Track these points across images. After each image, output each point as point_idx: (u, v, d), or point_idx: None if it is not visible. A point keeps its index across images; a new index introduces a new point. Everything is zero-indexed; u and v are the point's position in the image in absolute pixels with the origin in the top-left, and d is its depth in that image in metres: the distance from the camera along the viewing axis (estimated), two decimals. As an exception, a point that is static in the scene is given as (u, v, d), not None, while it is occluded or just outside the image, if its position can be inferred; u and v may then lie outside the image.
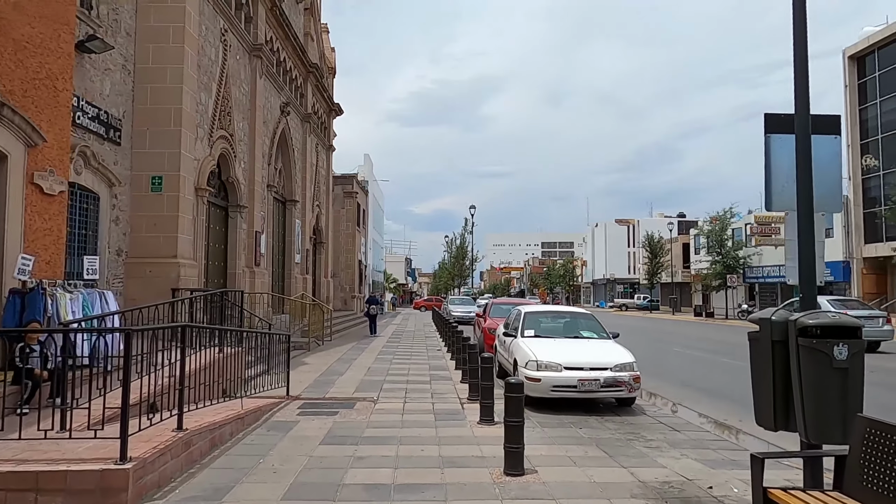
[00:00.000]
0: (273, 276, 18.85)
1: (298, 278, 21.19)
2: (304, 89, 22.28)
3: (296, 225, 21.07)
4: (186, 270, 11.40)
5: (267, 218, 17.73)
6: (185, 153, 11.47)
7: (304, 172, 22.14)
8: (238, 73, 15.09)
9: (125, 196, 11.08)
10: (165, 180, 11.26)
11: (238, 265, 15.05)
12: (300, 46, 20.40)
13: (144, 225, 11.21)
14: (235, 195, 14.95)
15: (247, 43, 15.53)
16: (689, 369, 12.99)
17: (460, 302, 33.55)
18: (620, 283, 70.95)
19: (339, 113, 27.98)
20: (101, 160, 10.23)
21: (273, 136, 18.32)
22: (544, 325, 9.72)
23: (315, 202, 24.27)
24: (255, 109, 16.02)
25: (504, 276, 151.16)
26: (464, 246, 55.14)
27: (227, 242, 14.92)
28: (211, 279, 13.95)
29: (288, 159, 20.44)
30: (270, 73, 17.77)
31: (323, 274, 26.06)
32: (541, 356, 8.10)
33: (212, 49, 13.28)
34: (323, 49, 26.07)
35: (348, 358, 13.95)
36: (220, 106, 13.73)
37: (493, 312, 15.33)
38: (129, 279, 11.05)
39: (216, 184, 14.38)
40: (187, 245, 11.63)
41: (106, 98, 10.41)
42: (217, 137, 13.48)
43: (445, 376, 11.26)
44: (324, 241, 26.00)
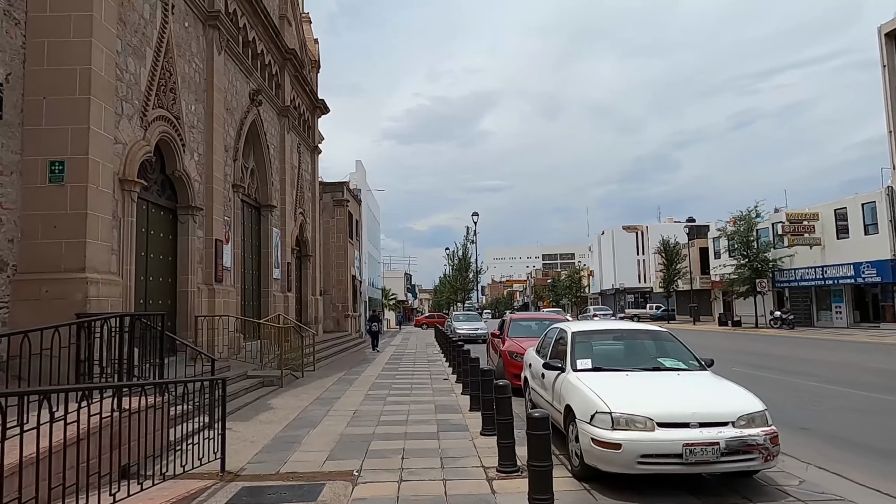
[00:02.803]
0: (245, 295, 15.79)
1: (278, 296, 18.12)
2: (281, 79, 19.39)
3: (273, 234, 18.06)
4: (101, 289, 8.34)
5: (234, 225, 14.72)
6: (97, 130, 8.48)
7: (283, 174, 19.18)
8: (187, 44, 12.17)
9: (12, 189, 8.06)
10: (69, 167, 8.25)
11: (192, 281, 11.99)
12: (273, 27, 17.55)
13: (40, 228, 8.17)
14: (186, 194, 11.95)
15: (200, 10, 12.64)
16: (795, 402, 9.72)
17: (466, 318, 30.38)
18: (631, 293, 67.76)
19: (324, 111, 25.11)
20: (-35, 136, 7.23)
21: (240, 128, 15.37)
22: (603, 350, 6.65)
23: (298, 209, 21.28)
24: (213, 91, 13.08)
25: (506, 289, 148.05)
26: (466, 257, 51.97)
27: (176, 253, 11.88)
28: (151, 299, 10.88)
29: (262, 157, 17.47)
30: (234, 52, 14.87)
31: (311, 291, 22.99)
32: (616, 405, 5.02)
33: (144, 4, 10.36)
34: (304, 38, 23.27)
35: (330, 397, 10.84)
36: (160, 80, 10.78)
37: (513, 331, 12.24)
38: (18, 303, 7.99)
39: (158, 178, 11.38)
40: (102, 255, 8.59)
41: (-26, 51, 7.44)
42: (154, 118, 10.50)
43: (458, 424, 8.16)
44: (310, 253, 22.97)
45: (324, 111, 25.14)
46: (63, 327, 6.46)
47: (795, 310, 35.27)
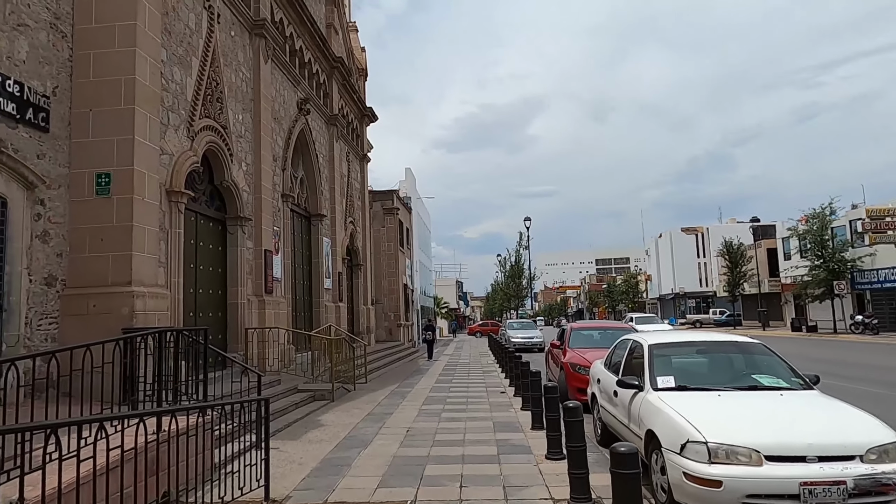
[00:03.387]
0: (296, 306, 15.59)
1: (330, 307, 17.88)
2: (329, 87, 19.27)
3: (324, 244, 17.86)
4: (147, 302, 8.13)
5: (284, 235, 14.54)
6: (141, 140, 8.31)
7: (333, 183, 19.00)
8: (234, 54, 12.04)
9: (60, 203, 7.96)
10: (115, 179, 8.10)
11: (241, 293, 11.79)
12: (320, 36, 17.42)
13: (88, 242, 8.04)
14: (235, 204, 11.78)
15: (245, 19, 12.52)
16: None
17: (520, 326, 29.50)
18: (692, 297, 64.94)
19: (372, 119, 24.94)
20: (12, 150, 7.14)
21: (289, 137, 15.23)
22: (686, 365, 5.84)
23: (348, 218, 21.09)
24: (260, 100, 12.93)
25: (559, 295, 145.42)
26: (519, 263, 50.95)
27: (225, 264, 11.71)
28: (201, 312, 10.70)
29: (311, 166, 17.32)
30: (282, 62, 14.75)
31: (362, 301, 22.75)
32: (712, 433, 4.25)
33: (189, 14, 10.24)
34: (351, 47, 23.18)
35: (383, 412, 10.34)
36: (207, 89, 10.64)
37: (575, 341, 11.43)
38: (67, 318, 7.85)
39: (206, 189, 11.24)
40: (149, 267, 8.39)
41: (21, 65, 7.36)
42: (201, 128, 10.34)
43: (520, 445, 7.48)
44: (361, 262, 22.74)
45: (372, 119, 24.98)
46: (108, 343, 6.17)
47: (879, 313, 32.61)
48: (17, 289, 7.16)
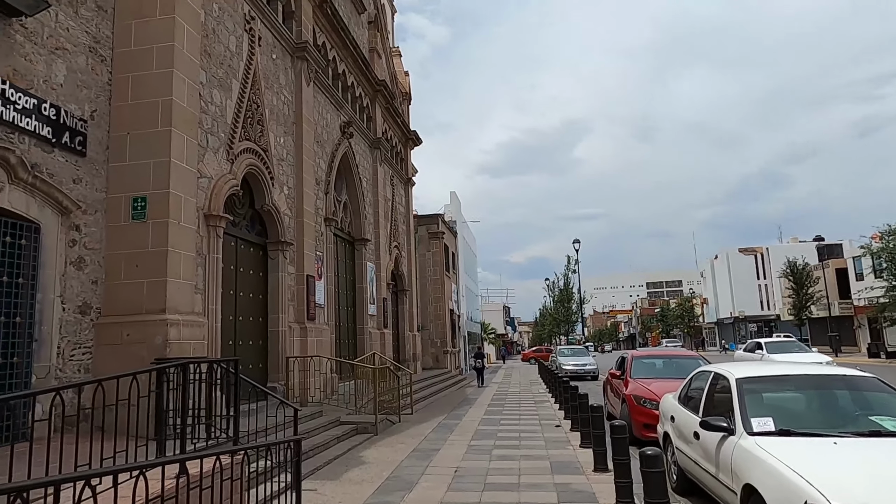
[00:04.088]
0: (339, 333, 15.14)
1: (374, 333, 17.38)
2: (372, 111, 19.09)
3: (368, 269, 17.45)
4: (182, 331, 7.75)
5: (327, 260, 14.17)
6: (178, 162, 8.04)
7: (377, 207, 18.68)
8: (275, 76, 11.88)
9: (96, 228, 7.73)
10: (151, 202, 7.83)
11: (283, 320, 11.39)
12: (363, 59, 17.29)
13: (123, 268, 7.76)
14: (276, 229, 11.46)
15: (287, 42, 12.39)
16: None
17: (572, 353, 28.25)
18: (753, 322, 61.65)
19: (416, 142, 24.71)
20: (47, 175, 6.94)
21: (331, 160, 14.98)
22: (785, 404, 4.94)
23: (393, 242, 20.70)
24: (302, 122, 12.71)
25: (609, 320, 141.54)
26: (568, 287, 49.49)
27: (266, 290, 11.35)
28: (241, 340, 10.32)
29: (354, 190, 17.04)
30: (324, 85, 14.59)
31: (408, 327, 22.19)
32: (839, 495, 3.36)
33: (230, 37, 10.09)
34: (394, 71, 23.10)
35: (429, 448, 9.62)
36: (247, 112, 10.43)
37: (637, 370, 10.46)
38: (101, 348, 7.54)
39: (246, 213, 10.97)
40: (185, 294, 8.04)
41: (58, 88, 7.22)
42: (240, 150, 10.10)
43: (584, 491, 6.63)
44: (406, 288, 22.25)
45: (416, 142, 24.74)
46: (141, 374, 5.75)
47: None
48: (50, 317, 6.89)
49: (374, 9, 20.33)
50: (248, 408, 7.76)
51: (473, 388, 22.91)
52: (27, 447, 4.44)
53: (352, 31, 16.67)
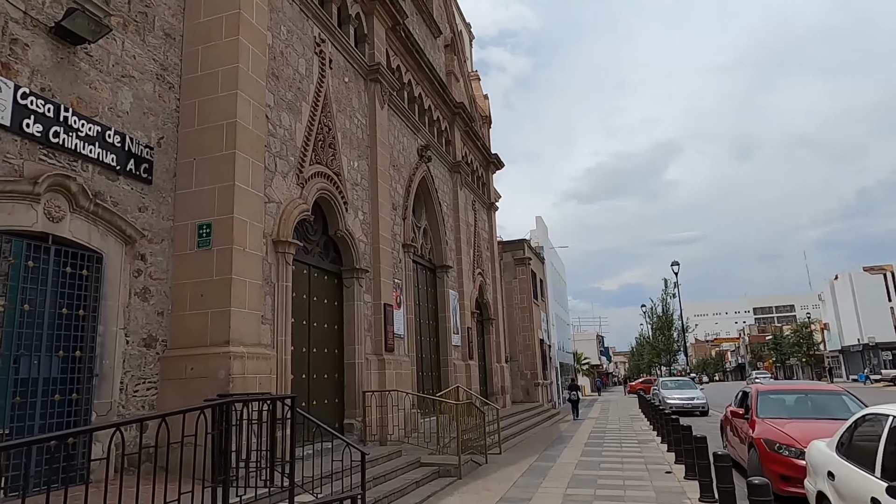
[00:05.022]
0: (421, 364, 14.37)
1: (459, 365, 16.48)
2: (451, 134, 18.58)
3: (450, 297, 16.68)
4: (247, 364, 7.24)
5: (406, 288, 13.54)
6: (243, 186, 7.68)
7: (458, 233, 17.97)
8: (348, 99, 11.56)
9: (163, 258, 7.46)
10: (215, 229, 7.48)
11: (359, 352, 10.77)
12: (440, 82, 16.87)
13: (188, 298, 7.41)
14: (351, 255, 10.96)
15: (360, 65, 12.09)
16: None
17: (676, 385, 25.78)
18: (885, 349, 54.79)
19: (498, 166, 23.95)
20: (111, 203, 6.74)
21: (409, 185, 14.48)
22: None
23: (476, 269, 19.86)
24: (377, 146, 12.29)
25: (714, 349, 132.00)
26: (667, 314, 46.18)
27: (341, 320, 10.81)
28: (315, 373, 9.76)
29: (434, 215, 16.45)
30: (399, 108, 14.21)
31: (495, 358, 21.09)
32: None
33: (299, 59, 9.84)
34: (473, 94, 22.62)
35: (519, 497, 8.49)
36: (318, 135, 10.09)
37: (765, 408, 8.78)
38: (165, 382, 7.17)
39: (319, 240, 10.54)
40: (250, 325, 7.56)
41: (123, 116, 7.08)
42: (311, 174, 9.71)
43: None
44: (492, 317, 21.24)
45: (498, 166, 24.00)
46: (190, 412, 5.20)
47: None
48: (112, 351, 6.58)
49: (450, 32, 20.04)
50: (319, 447, 7.08)
51: (568, 424, 21.30)
52: (83, 490, 3.99)
53: (427, 55, 16.33)
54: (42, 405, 5.77)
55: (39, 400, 5.74)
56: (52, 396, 5.87)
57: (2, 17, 5.80)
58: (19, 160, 5.83)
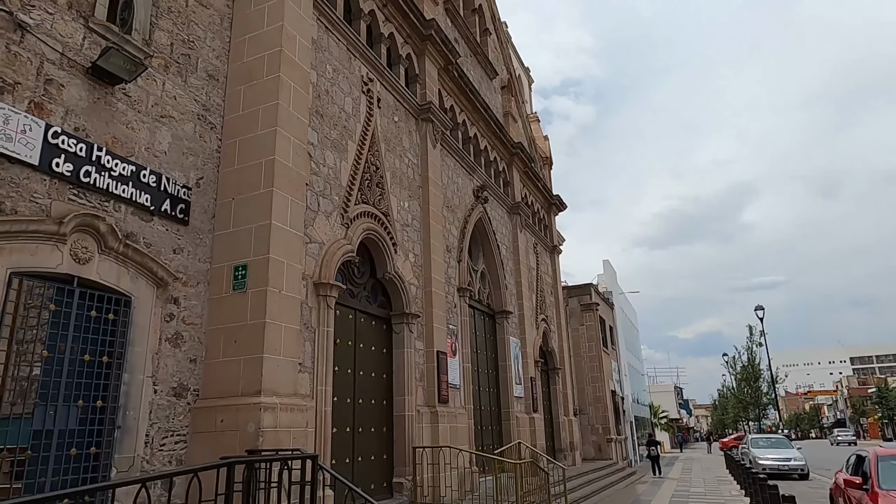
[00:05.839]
0: (480, 418, 13.39)
1: (522, 418, 15.34)
2: (509, 175, 18.02)
3: (511, 345, 15.72)
4: (280, 417, 6.65)
5: (462, 334, 12.77)
6: (280, 225, 7.30)
7: (519, 277, 17.13)
8: (398, 139, 11.24)
9: (197, 302, 7.11)
10: (251, 270, 7.08)
11: (410, 403, 10.01)
12: (496, 122, 16.47)
13: (222, 344, 6.98)
14: (400, 299, 10.37)
15: (410, 104, 11.83)
16: None
17: (769, 444, 23.12)
18: None
19: (560, 208, 23.09)
20: (143, 244, 6.47)
21: (464, 226, 13.90)
22: None
23: (539, 315, 18.81)
24: (428, 186, 11.84)
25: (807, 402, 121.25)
26: (753, 363, 42.44)
27: (390, 369, 10.13)
28: (360, 426, 9.06)
29: (492, 258, 15.73)
30: (453, 148, 13.82)
31: (562, 411, 19.69)
32: None
33: (345, 98, 9.62)
34: (532, 135, 22.13)
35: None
36: (364, 174, 9.74)
37: (888, 477, 7.25)
38: (195, 436, 6.68)
39: (367, 283, 10.02)
40: (285, 373, 7.01)
41: (162, 156, 6.91)
42: (357, 214, 9.30)
43: None
44: (558, 366, 19.97)
45: (560, 208, 23.14)
46: (204, 471, 4.63)
47: None
48: (138, 401, 6.16)
49: (506, 74, 19.78)
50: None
51: (646, 485, 19.39)
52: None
53: (482, 95, 16.01)
54: (56, 460, 5.34)
55: (53, 454, 5.33)
56: (67, 450, 5.45)
57: (37, 57, 5.76)
58: (46, 200, 5.65)
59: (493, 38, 19.00)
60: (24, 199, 5.46)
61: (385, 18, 11.33)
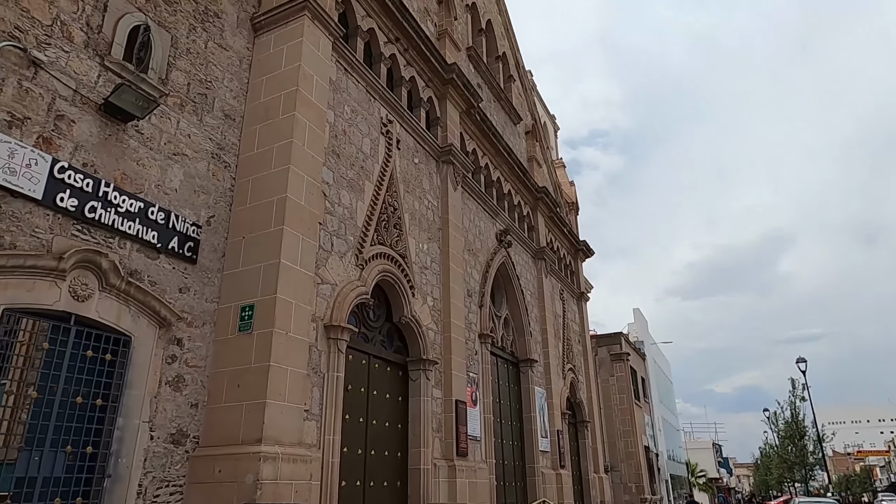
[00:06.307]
0: (502, 474, 12.64)
1: (548, 474, 14.47)
2: (534, 220, 17.69)
3: (536, 395, 15.01)
4: (282, 468, 6.22)
5: (483, 383, 12.21)
6: (289, 265, 7.06)
7: (544, 324, 16.54)
8: (417, 181, 11.09)
9: (202, 343, 6.85)
10: (258, 311, 6.82)
11: (426, 456, 9.45)
12: (520, 166, 16.30)
13: (225, 389, 6.66)
14: (417, 345, 9.95)
15: (431, 146, 11.73)
16: None
17: (818, 508, 21.48)
18: None
19: (587, 254, 22.57)
20: (147, 282, 6.29)
21: (486, 270, 13.53)
22: None
23: (567, 365, 18.07)
24: (449, 228, 11.58)
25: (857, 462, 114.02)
26: (797, 420, 40.07)
27: (406, 419, 9.63)
28: (372, 479, 8.52)
29: (516, 304, 15.24)
30: (476, 191, 13.62)
31: (591, 467, 18.61)
32: None
33: (363, 139, 9.53)
34: (557, 181, 21.89)
35: None
36: (382, 214, 9.53)
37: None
38: (192, 486, 6.27)
39: (382, 327, 9.66)
40: (290, 420, 6.62)
41: (172, 193, 6.81)
42: (372, 255, 9.04)
43: None
44: (586, 419, 19.01)
45: (587, 254, 22.62)
46: None
47: None
48: (131, 448, 5.82)
49: (531, 120, 19.75)
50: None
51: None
52: None
53: (506, 139, 15.91)
54: (38, 511, 5.00)
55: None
56: (51, 500, 5.11)
57: (49, 93, 5.75)
58: (48, 235, 5.52)
59: (517, 84, 19.07)
60: (24, 233, 5.34)
61: (406, 63, 11.38)
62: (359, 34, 9.96)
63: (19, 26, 5.58)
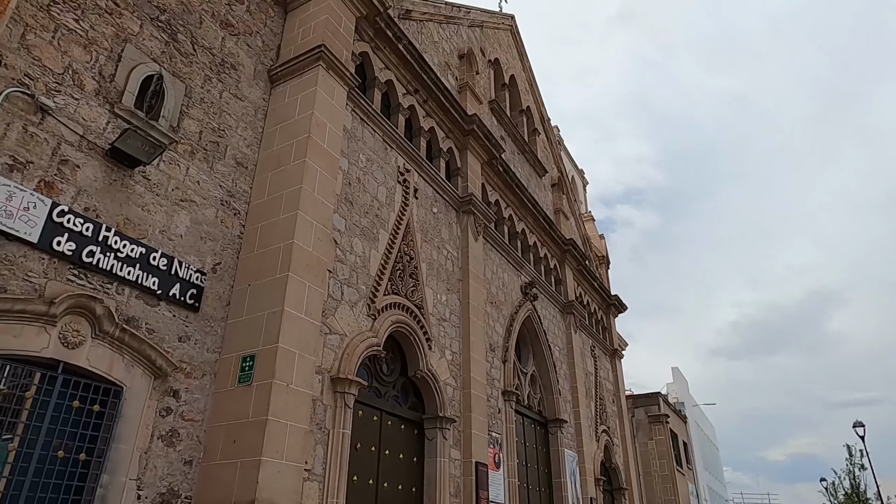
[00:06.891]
0: (530, 545, 11.65)
1: (581, 548, 13.32)
2: (562, 273, 17.17)
3: (567, 458, 14.07)
4: (275, 534, 5.70)
5: (508, 444, 11.47)
6: (294, 312, 6.76)
7: (574, 381, 15.73)
8: (435, 230, 10.84)
9: (201, 395, 6.52)
10: (259, 361, 6.49)
11: (442, 524, 8.72)
12: (546, 219, 15.97)
13: (221, 445, 6.26)
14: (434, 401, 9.42)
15: (451, 196, 11.55)
16: None
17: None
18: None
19: (620, 309, 21.75)
20: (144, 330, 6.06)
21: (510, 324, 13.00)
22: None
23: (600, 426, 17.05)
24: (469, 278, 11.21)
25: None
26: (857, 490, 36.84)
27: (421, 482, 8.98)
28: (381, 552, 7.84)
29: (543, 361, 14.55)
30: (499, 243, 13.29)
31: (631, 540, 17.20)
32: None
33: (378, 187, 9.38)
34: (586, 234, 21.42)
35: None
36: (397, 264, 9.25)
37: None
38: (179, 554, 5.78)
39: (396, 381, 9.19)
40: (288, 481, 6.14)
41: (177, 239, 6.68)
42: (385, 305, 8.69)
43: None
44: (623, 485, 17.73)
45: (620, 309, 21.80)
46: None
47: None
48: None
49: (556, 172, 19.57)
50: None
51: None
52: None
53: (531, 191, 15.69)
54: (3, 578, 4.61)
55: (0, 570, 4.60)
56: (19, 567, 4.71)
57: (55, 139, 5.75)
58: (42, 279, 5.36)
59: (541, 137, 19.02)
60: (17, 277, 5.20)
61: (426, 113, 11.37)
62: (376, 85, 10.00)
63: (29, 73, 5.65)
